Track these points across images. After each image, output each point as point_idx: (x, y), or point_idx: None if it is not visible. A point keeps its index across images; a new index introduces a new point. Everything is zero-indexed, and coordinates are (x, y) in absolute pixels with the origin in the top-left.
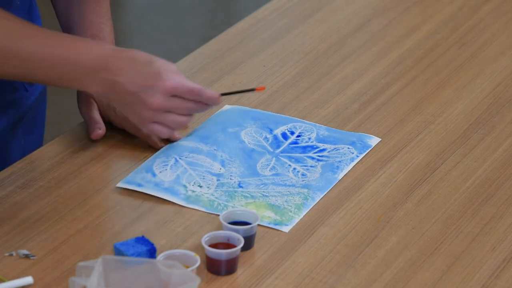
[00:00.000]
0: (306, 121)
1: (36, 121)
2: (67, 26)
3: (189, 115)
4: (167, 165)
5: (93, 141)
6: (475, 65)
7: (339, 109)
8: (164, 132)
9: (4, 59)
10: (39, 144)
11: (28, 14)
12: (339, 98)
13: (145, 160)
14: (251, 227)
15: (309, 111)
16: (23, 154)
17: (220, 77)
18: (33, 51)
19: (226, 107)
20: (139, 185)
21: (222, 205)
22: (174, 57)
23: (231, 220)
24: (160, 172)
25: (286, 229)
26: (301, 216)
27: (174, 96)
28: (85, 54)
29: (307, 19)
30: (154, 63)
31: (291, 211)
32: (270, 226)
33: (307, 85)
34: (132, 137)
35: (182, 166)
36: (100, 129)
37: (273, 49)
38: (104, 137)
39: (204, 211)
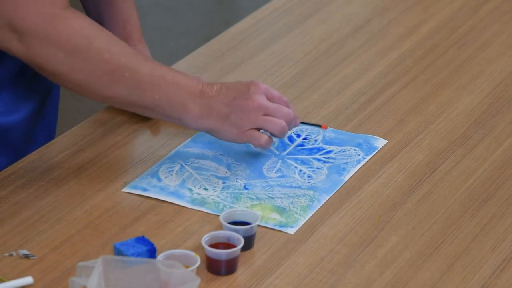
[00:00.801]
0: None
1: (53, 107)
2: (95, 12)
3: (287, 122)
4: (172, 170)
5: (93, 141)
6: (475, 65)
7: (339, 109)
8: (263, 139)
9: (120, 77)
10: (53, 130)
11: None
12: (339, 98)
13: (145, 160)
14: (251, 227)
15: (309, 111)
16: (48, 138)
17: (220, 77)
18: (149, 73)
19: None
20: (145, 189)
21: (227, 207)
22: (174, 57)
23: (231, 220)
24: (165, 177)
25: (291, 231)
26: (307, 218)
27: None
28: (188, 80)
29: (307, 19)
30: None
31: (296, 213)
32: (276, 228)
33: (307, 85)
34: (132, 137)
35: (188, 171)
36: None
37: (273, 49)
38: (104, 137)
39: (205, 212)
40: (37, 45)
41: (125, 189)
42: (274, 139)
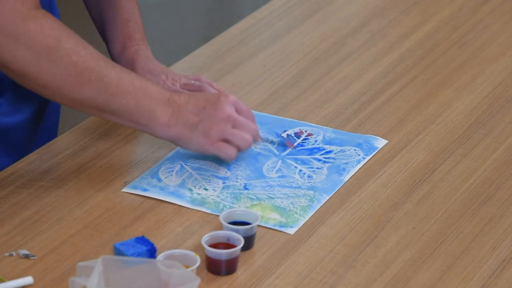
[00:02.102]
0: (312, 124)
1: (55, 108)
2: (97, 11)
3: (253, 137)
4: (172, 170)
5: (93, 141)
6: (475, 65)
7: (339, 109)
8: (230, 151)
9: (87, 80)
10: (55, 131)
11: (51, 11)
12: (339, 98)
13: (145, 160)
14: (251, 227)
15: (309, 111)
16: (50, 139)
17: (220, 77)
18: (117, 78)
19: None
20: (145, 189)
21: (227, 207)
22: (174, 57)
23: (231, 220)
24: (165, 177)
25: (291, 231)
26: (307, 218)
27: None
28: (156, 88)
29: (307, 19)
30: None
31: (296, 213)
32: (276, 228)
33: (307, 85)
34: (132, 137)
35: (188, 171)
36: None
37: (273, 49)
38: (104, 137)
39: (206, 212)
40: (5, 44)
41: (125, 189)
42: (274, 140)
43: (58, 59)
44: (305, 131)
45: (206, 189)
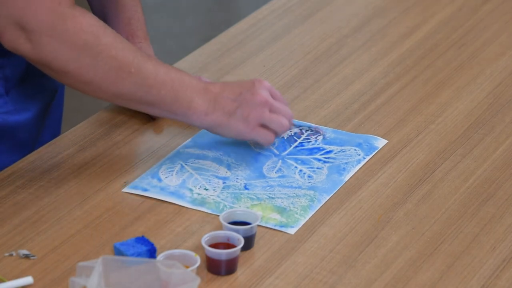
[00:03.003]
0: (312, 124)
1: (58, 105)
2: (100, 9)
3: (289, 121)
4: (172, 170)
5: (93, 141)
6: (475, 65)
7: (339, 109)
8: (269, 137)
9: (127, 73)
10: (58, 128)
11: None
12: (339, 98)
13: (145, 160)
14: (251, 227)
15: (309, 111)
16: (54, 136)
17: (220, 77)
18: (154, 70)
19: None
20: (145, 190)
21: (228, 207)
22: (174, 57)
23: (231, 220)
24: (166, 177)
25: (291, 231)
26: (307, 218)
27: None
28: (191, 78)
29: (307, 19)
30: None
31: (297, 213)
32: (276, 228)
33: (307, 85)
34: (132, 137)
35: (188, 171)
36: None
37: (273, 49)
38: (104, 137)
39: (206, 212)
40: (46, 43)
41: (125, 189)
42: (304, 129)
43: (98, 55)
44: (306, 131)
45: (206, 189)
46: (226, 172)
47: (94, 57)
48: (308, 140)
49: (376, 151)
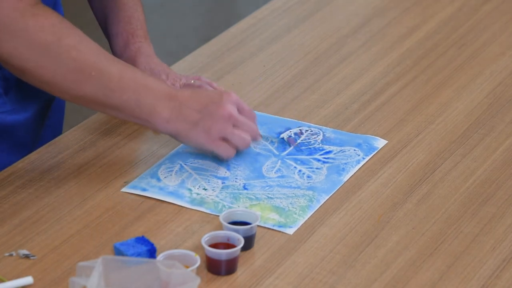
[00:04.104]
0: (312, 124)
1: (59, 106)
2: (100, 8)
3: (252, 138)
4: (172, 170)
5: (93, 141)
6: (475, 65)
7: (339, 109)
8: (229, 151)
9: (87, 76)
10: (59, 129)
11: (55, 3)
12: (339, 98)
13: (145, 160)
14: (251, 227)
15: (309, 111)
16: (55, 137)
17: (220, 77)
18: (118, 74)
19: None
20: (144, 189)
21: (227, 207)
22: (174, 57)
23: (231, 220)
24: (165, 177)
25: (290, 231)
26: (306, 218)
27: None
28: (158, 83)
29: (307, 19)
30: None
31: (295, 213)
32: (275, 228)
33: (307, 85)
34: (132, 137)
35: (187, 171)
36: None
37: (273, 49)
38: (104, 137)
39: (206, 212)
40: (5, 40)
41: (125, 189)
42: (274, 139)
43: (58, 56)
44: (305, 131)
45: (205, 189)
46: (225, 172)
47: (53, 57)
48: (308, 140)
49: (376, 151)
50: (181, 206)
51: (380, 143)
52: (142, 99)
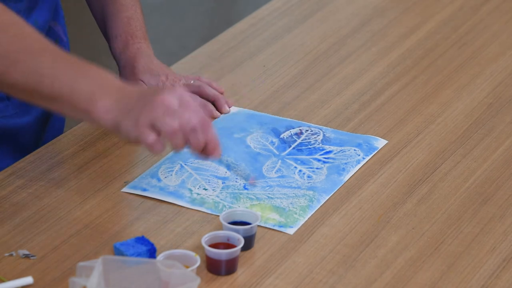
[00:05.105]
0: (312, 124)
1: None
2: (99, 8)
3: (184, 131)
4: (172, 170)
5: (93, 141)
6: (475, 65)
7: (339, 109)
8: (156, 141)
9: (14, 61)
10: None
11: (56, 4)
12: (339, 98)
13: (145, 160)
14: (251, 227)
15: (309, 111)
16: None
17: (220, 77)
18: (52, 60)
19: (232, 110)
20: (144, 189)
21: (227, 207)
22: (174, 57)
23: (231, 220)
24: (165, 177)
25: (291, 231)
26: (306, 218)
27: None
28: (101, 72)
29: (307, 19)
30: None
31: (296, 213)
32: (275, 228)
33: (307, 85)
34: None
35: (187, 171)
36: None
37: (273, 49)
38: (104, 137)
39: (206, 212)
40: None
41: (125, 189)
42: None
43: None
44: (305, 131)
45: (205, 189)
46: (226, 172)
47: None
48: (308, 140)
49: (376, 151)
50: (181, 206)
51: (380, 143)
52: (78, 86)
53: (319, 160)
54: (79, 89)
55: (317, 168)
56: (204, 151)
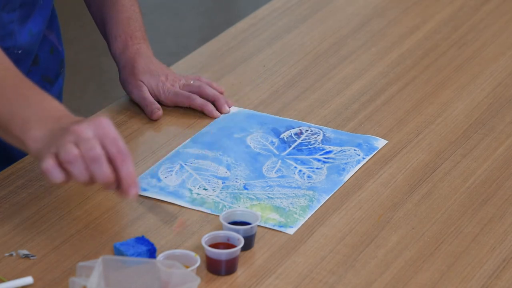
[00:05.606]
0: (312, 124)
1: None
2: (98, 9)
3: (86, 166)
4: (172, 170)
5: None
6: (475, 65)
7: (339, 109)
8: (47, 162)
9: None
10: None
11: (51, 13)
12: (339, 98)
13: (145, 160)
14: (251, 227)
15: (309, 111)
16: None
17: (220, 77)
18: None
19: (232, 110)
20: (144, 189)
21: (227, 207)
22: (174, 57)
23: (231, 220)
24: (165, 177)
25: (291, 231)
26: (306, 218)
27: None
28: (44, 100)
29: (307, 19)
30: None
31: (296, 213)
32: (275, 228)
33: (307, 85)
34: (132, 137)
35: (188, 171)
36: (159, 110)
37: (273, 49)
38: None
39: (206, 212)
40: None
41: None
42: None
43: None
44: (305, 131)
45: (205, 189)
46: (226, 172)
47: None
48: (308, 140)
49: (376, 151)
50: (181, 206)
51: (380, 143)
52: (16, 110)
53: (319, 160)
54: (18, 114)
55: (317, 168)
56: (118, 188)
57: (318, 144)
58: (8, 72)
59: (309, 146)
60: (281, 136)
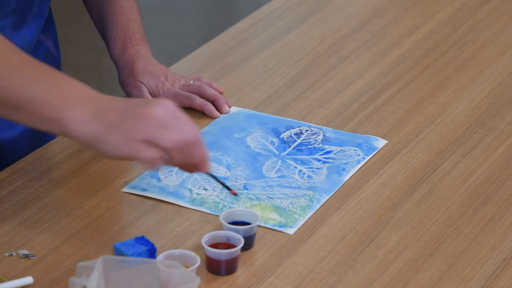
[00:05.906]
0: (312, 124)
1: None
2: (97, 10)
3: (179, 145)
4: (172, 170)
5: None
6: (475, 65)
7: (339, 109)
8: (154, 155)
9: None
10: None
11: (46, 20)
12: (339, 98)
13: None
14: (251, 227)
15: (309, 111)
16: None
17: (220, 77)
18: (19, 64)
19: (232, 110)
20: (144, 189)
21: (227, 207)
22: (174, 57)
23: (231, 220)
24: (165, 177)
25: (291, 231)
26: (306, 218)
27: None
28: (76, 83)
29: (307, 19)
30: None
31: (296, 213)
32: (275, 228)
33: (307, 85)
34: None
35: None
36: None
37: (273, 49)
38: None
39: (206, 212)
40: None
41: (125, 189)
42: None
43: None
44: (305, 131)
45: (205, 189)
46: (226, 172)
47: None
48: (308, 140)
49: (376, 151)
50: (181, 206)
51: (380, 143)
52: (45, 93)
53: (319, 160)
54: (49, 97)
55: (317, 168)
56: (193, 166)
57: (318, 144)
58: (25, 57)
59: (309, 146)
60: (281, 136)
